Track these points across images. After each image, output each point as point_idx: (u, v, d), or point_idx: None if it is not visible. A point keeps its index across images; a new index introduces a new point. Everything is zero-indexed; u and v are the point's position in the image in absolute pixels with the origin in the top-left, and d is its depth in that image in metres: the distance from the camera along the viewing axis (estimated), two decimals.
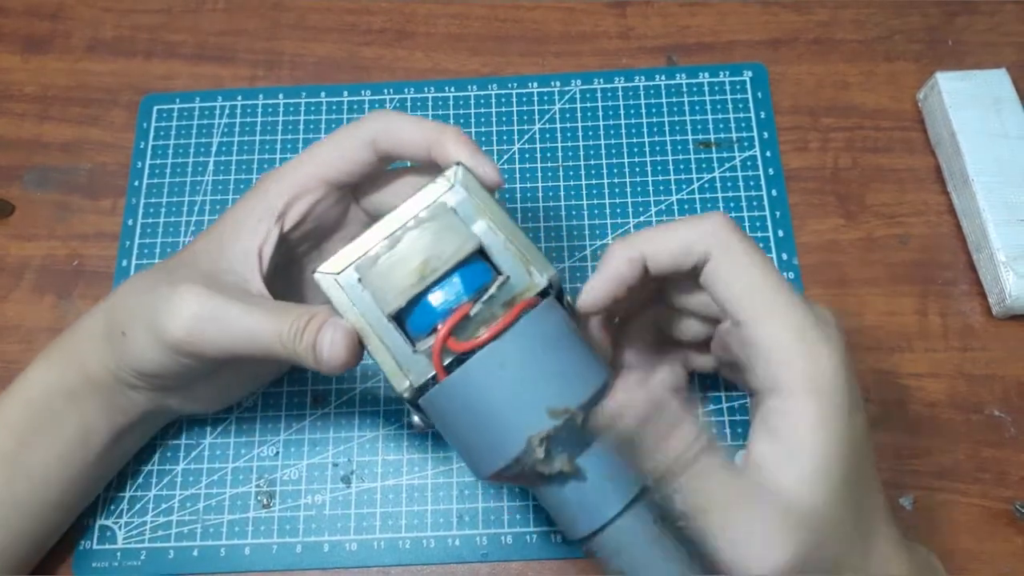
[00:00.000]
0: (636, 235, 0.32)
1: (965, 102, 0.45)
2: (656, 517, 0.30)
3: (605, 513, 0.29)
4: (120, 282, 0.44)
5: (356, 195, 0.37)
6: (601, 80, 0.48)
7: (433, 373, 0.30)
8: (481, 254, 0.31)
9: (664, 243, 0.31)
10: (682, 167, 0.46)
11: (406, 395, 0.30)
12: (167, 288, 0.33)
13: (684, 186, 0.46)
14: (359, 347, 0.31)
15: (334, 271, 0.31)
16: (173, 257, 0.36)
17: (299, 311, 0.31)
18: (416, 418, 0.32)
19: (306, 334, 0.31)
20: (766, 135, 0.47)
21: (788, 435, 0.29)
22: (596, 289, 0.32)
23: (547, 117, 0.48)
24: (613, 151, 0.47)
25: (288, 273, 0.37)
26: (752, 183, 0.45)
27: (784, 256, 0.44)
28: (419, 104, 0.48)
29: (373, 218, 0.33)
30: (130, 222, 0.46)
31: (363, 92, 0.49)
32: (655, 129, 0.47)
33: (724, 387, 0.41)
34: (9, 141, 0.48)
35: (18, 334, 0.44)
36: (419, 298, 0.30)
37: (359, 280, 0.31)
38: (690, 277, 0.32)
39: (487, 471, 0.29)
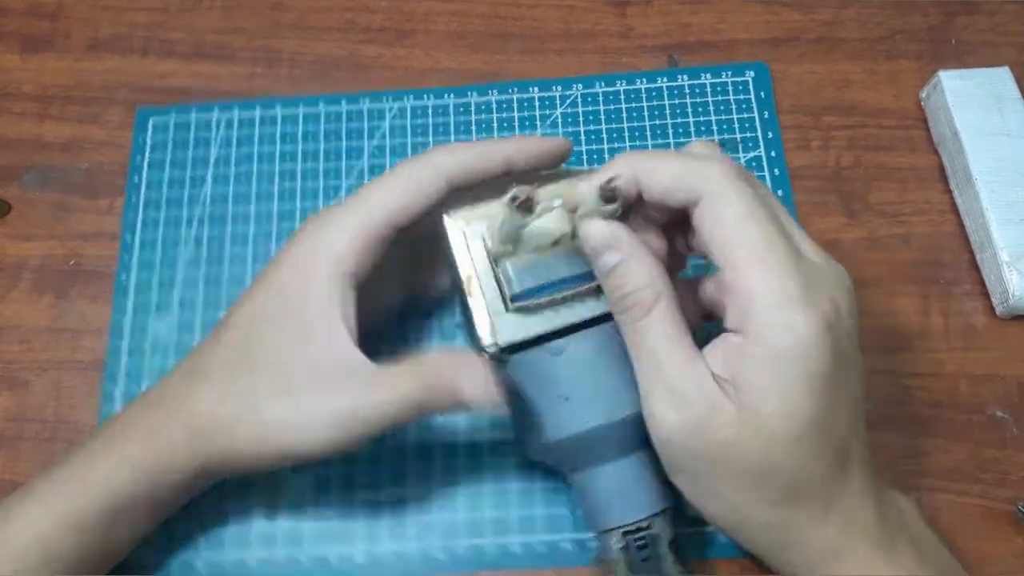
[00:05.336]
0: (642, 154, 0.32)
1: (968, 101, 0.45)
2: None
3: (635, 514, 0.32)
4: (119, 280, 0.44)
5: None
6: (603, 83, 0.48)
7: (524, 337, 0.33)
8: None
9: (659, 172, 0.31)
10: None
11: (490, 350, 0.33)
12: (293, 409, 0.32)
13: None
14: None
15: (465, 221, 0.34)
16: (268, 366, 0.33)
17: (418, 371, 0.32)
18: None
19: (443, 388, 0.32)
20: (770, 135, 0.46)
21: (739, 371, 0.29)
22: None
23: (549, 122, 0.47)
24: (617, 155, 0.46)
25: None
26: None
27: None
28: (419, 112, 0.48)
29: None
30: (129, 219, 0.45)
31: (361, 101, 0.48)
32: (658, 132, 0.47)
33: None
34: (9, 141, 0.48)
35: (17, 334, 0.44)
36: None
37: (487, 236, 0.34)
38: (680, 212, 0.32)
39: (552, 438, 0.33)
